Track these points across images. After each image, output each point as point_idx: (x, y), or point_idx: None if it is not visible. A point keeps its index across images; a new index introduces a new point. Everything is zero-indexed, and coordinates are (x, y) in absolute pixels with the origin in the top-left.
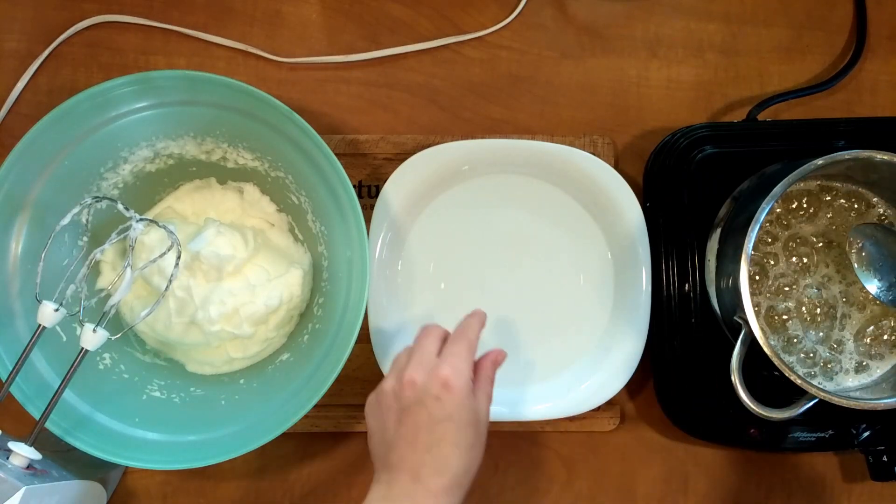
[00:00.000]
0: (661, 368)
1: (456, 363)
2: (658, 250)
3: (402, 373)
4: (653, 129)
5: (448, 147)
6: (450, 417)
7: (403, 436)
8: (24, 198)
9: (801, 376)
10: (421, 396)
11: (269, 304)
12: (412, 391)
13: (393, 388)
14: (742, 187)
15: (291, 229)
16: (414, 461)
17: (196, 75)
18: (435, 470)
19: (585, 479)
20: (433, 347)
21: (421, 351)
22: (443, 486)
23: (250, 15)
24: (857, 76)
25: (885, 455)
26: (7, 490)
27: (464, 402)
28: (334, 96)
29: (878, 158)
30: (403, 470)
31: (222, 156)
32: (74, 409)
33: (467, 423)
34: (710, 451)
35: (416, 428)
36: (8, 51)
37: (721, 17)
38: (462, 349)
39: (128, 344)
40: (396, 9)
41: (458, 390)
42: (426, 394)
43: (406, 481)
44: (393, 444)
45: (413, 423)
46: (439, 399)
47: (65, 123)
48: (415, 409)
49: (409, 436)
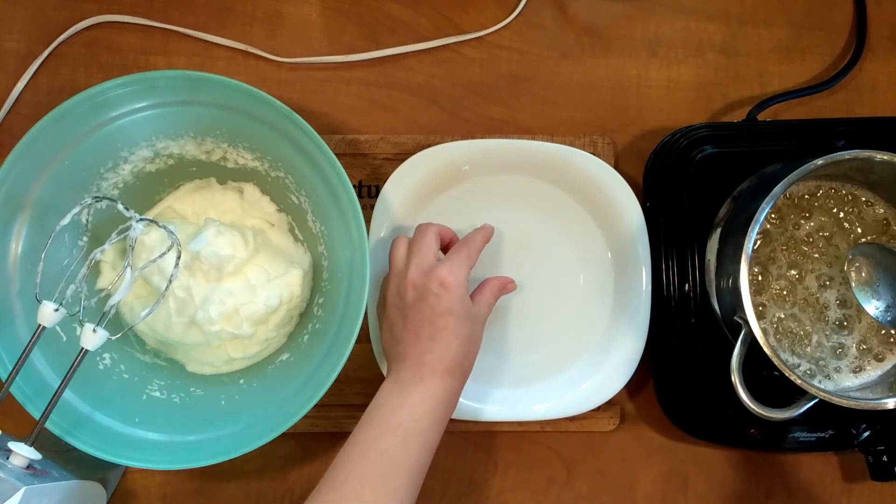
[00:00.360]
0: (661, 368)
1: (453, 266)
2: (658, 250)
3: (403, 278)
4: (653, 129)
5: (448, 147)
6: (449, 311)
7: (409, 329)
8: (24, 198)
9: (801, 376)
10: (422, 294)
11: (269, 304)
12: (414, 291)
13: (397, 290)
14: (742, 187)
15: (291, 229)
16: (419, 349)
17: (196, 75)
18: (437, 355)
19: (585, 479)
20: (431, 248)
21: (420, 254)
22: (445, 367)
23: (250, 15)
24: (857, 76)
25: (885, 455)
26: (7, 490)
27: (461, 297)
28: (334, 96)
29: (878, 158)
30: (410, 357)
31: (222, 156)
32: (74, 409)
33: (465, 317)
34: (710, 451)
35: (420, 322)
36: (8, 51)
37: (721, 17)
38: (461, 256)
39: (128, 344)
40: (396, 9)
41: (455, 287)
42: (427, 291)
43: (413, 366)
44: (400, 339)
45: (416, 318)
46: (438, 296)
47: (65, 123)
48: (418, 307)
49: (414, 329)
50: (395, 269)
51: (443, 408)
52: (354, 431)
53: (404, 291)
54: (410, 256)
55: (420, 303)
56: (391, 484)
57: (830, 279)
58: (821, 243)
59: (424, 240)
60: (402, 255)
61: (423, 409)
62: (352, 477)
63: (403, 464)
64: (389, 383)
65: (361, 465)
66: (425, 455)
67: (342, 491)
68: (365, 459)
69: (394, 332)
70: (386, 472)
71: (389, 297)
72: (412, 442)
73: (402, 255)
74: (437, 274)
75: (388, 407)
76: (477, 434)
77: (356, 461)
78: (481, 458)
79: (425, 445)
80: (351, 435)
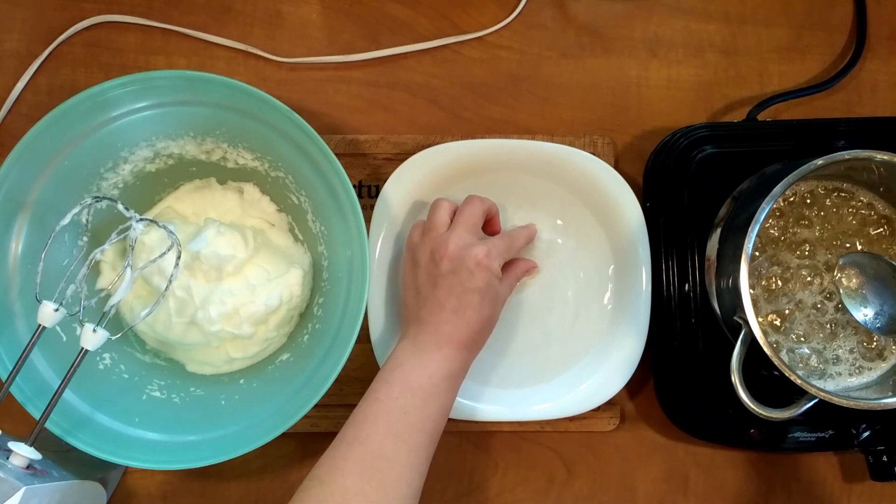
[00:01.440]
0: (661, 368)
1: (492, 251)
2: (658, 250)
3: (444, 244)
4: (653, 129)
5: (448, 147)
6: (478, 290)
7: (436, 297)
8: (24, 198)
9: (801, 376)
10: (456, 268)
11: (269, 304)
12: (449, 263)
13: (432, 254)
14: (742, 187)
15: (291, 229)
16: (441, 318)
17: (196, 75)
18: (456, 328)
19: (585, 479)
20: (477, 223)
21: (465, 226)
22: (461, 340)
23: (250, 15)
24: (857, 76)
25: (885, 455)
26: (7, 490)
27: (491, 281)
28: (334, 96)
29: (878, 158)
30: (430, 323)
31: (222, 156)
32: (74, 409)
33: (490, 299)
34: (710, 451)
35: (448, 292)
36: (8, 51)
37: (721, 17)
38: (502, 245)
39: (128, 344)
40: (396, 9)
41: (489, 271)
42: (462, 266)
43: (431, 332)
44: (425, 302)
45: (446, 288)
46: (472, 273)
47: (65, 123)
48: (450, 278)
49: (441, 298)
50: (433, 232)
51: (457, 375)
52: (372, 388)
53: (440, 260)
54: (455, 226)
55: (452, 275)
56: (413, 440)
57: (831, 279)
58: (821, 243)
59: (472, 213)
60: (443, 220)
61: (442, 373)
62: (375, 433)
63: (424, 422)
64: (407, 344)
65: (384, 422)
66: (441, 417)
67: (367, 445)
68: (388, 416)
69: (419, 295)
70: (408, 429)
71: (422, 259)
72: (431, 402)
73: (443, 221)
74: (475, 253)
75: (408, 367)
76: (477, 434)
77: (378, 417)
78: (481, 458)
79: (442, 407)
80: (368, 392)
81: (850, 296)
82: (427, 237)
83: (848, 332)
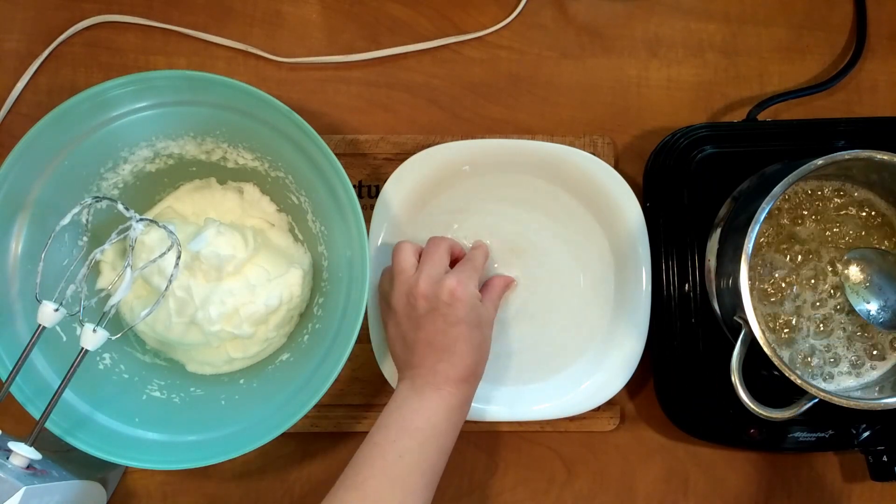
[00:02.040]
0: (661, 368)
1: (461, 277)
2: (658, 250)
3: (415, 286)
4: (653, 129)
5: (448, 147)
6: (461, 321)
7: (423, 339)
8: (24, 198)
9: (800, 376)
10: (434, 305)
11: (269, 304)
12: (425, 302)
13: (407, 300)
14: (742, 187)
15: (291, 229)
16: (433, 359)
17: (196, 75)
18: (451, 364)
19: (585, 479)
20: (443, 261)
21: (431, 264)
22: (458, 376)
23: (250, 15)
24: (857, 76)
25: (885, 455)
26: (7, 490)
27: (472, 307)
28: (334, 96)
29: (878, 158)
30: (425, 366)
31: (222, 156)
32: (74, 409)
33: (476, 325)
34: (710, 451)
35: (434, 332)
36: (8, 51)
37: (721, 17)
38: (468, 269)
39: (128, 344)
40: (396, 9)
41: (466, 298)
42: (438, 302)
43: (427, 374)
44: (414, 348)
45: (430, 328)
46: (450, 305)
47: (65, 123)
48: (430, 316)
49: (428, 338)
50: (402, 276)
51: (458, 413)
52: (372, 432)
53: (415, 301)
54: (422, 266)
55: (432, 313)
56: (410, 483)
57: (831, 279)
58: (821, 243)
59: (437, 252)
60: (409, 261)
61: (442, 414)
62: (370, 477)
63: (421, 465)
64: (405, 388)
65: (381, 466)
66: (441, 458)
67: (361, 490)
68: (384, 460)
69: (406, 341)
70: (404, 473)
71: (398, 305)
72: (429, 445)
73: (409, 263)
74: (447, 285)
75: (406, 409)
76: (477, 434)
77: (375, 462)
78: (481, 458)
79: (441, 448)
80: (368, 436)
81: (855, 290)
82: (397, 282)
83: (848, 332)
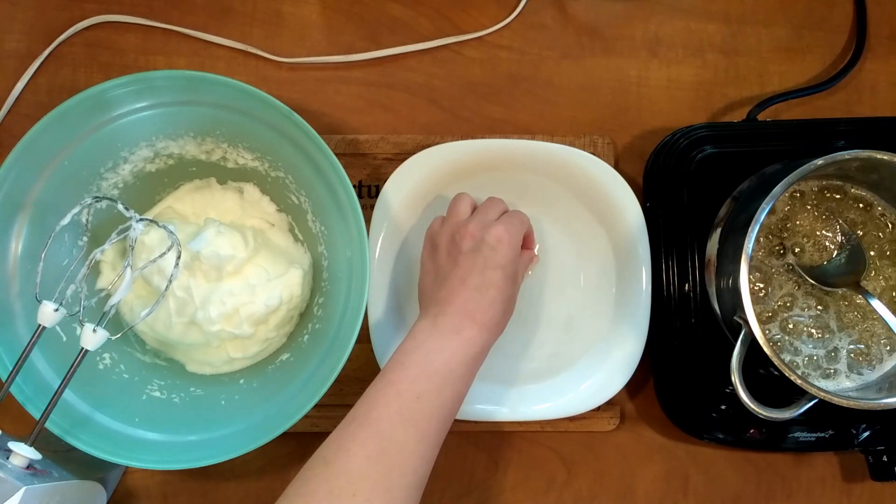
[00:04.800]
0: (661, 368)
1: (510, 226)
2: (658, 250)
3: (463, 226)
4: (653, 129)
5: (448, 147)
6: (501, 266)
7: (457, 275)
8: (24, 198)
9: (801, 376)
10: (478, 245)
11: (269, 304)
12: (471, 241)
13: (452, 235)
14: (742, 187)
15: (291, 229)
16: (464, 297)
17: (196, 75)
18: (479, 306)
19: (585, 479)
20: (496, 214)
21: (485, 212)
22: (485, 321)
23: (250, 15)
24: (857, 76)
25: (885, 455)
26: (7, 490)
27: (513, 257)
28: (334, 96)
29: (878, 158)
30: (452, 303)
31: (222, 156)
32: (74, 409)
33: (512, 277)
34: (710, 451)
35: (471, 269)
36: (8, 51)
37: (721, 17)
38: (516, 220)
39: (128, 344)
40: (396, 9)
41: (511, 246)
42: (483, 243)
43: (456, 313)
44: (446, 282)
45: (469, 265)
46: (494, 249)
47: (65, 123)
48: (472, 256)
49: (463, 275)
50: (454, 219)
51: (476, 360)
52: (387, 369)
53: (461, 239)
54: (476, 213)
55: (474, 252)
56: (423, 427)
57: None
58: (821, 243)
59: (494, 205)
60: (464, 209)
61: (460, 358)
62: (385, 417)
63: (437, 410)
64: (427, 325)
65: (396, 406)
66: (456, 403)
67: (375, 427)
68: (400, 399)
69: (440, 275)
70: (419, 416)
71: (442, 242)
72: (447, 389)
73: (464, 210)
74: (495, 229)
75: (425, 349)
76: (477, 434)
77: (391, 401)
78: (481, 458)
79: (457, 394)
80: (382, 372)
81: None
82: (447, 223)
83: (848, 332)
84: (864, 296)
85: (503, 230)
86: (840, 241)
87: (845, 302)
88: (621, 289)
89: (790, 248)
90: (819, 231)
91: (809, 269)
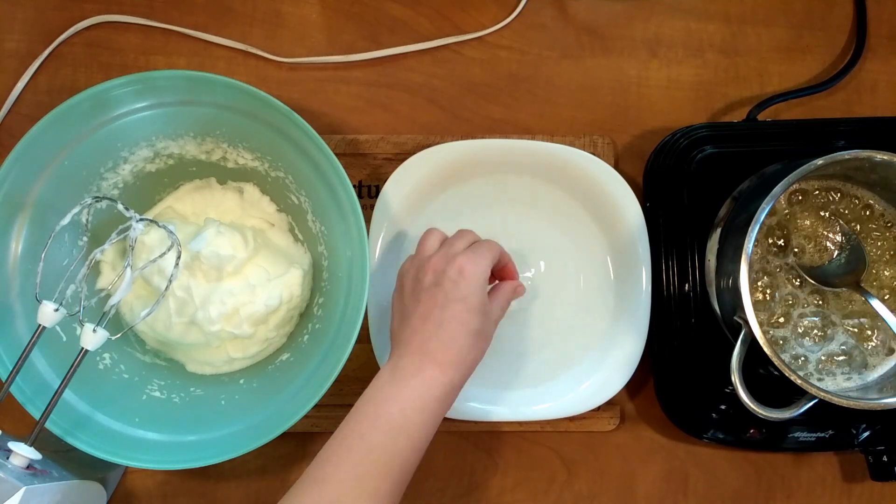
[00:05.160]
0: (661, 368)
1: (474, 257)
2: (658, 250)
3: (427, 261)
4: (653, 129)
5: (448, 147)
6: (463, 299)
7: (418, 313)
8: (24, 198)
9: (801, 376)
10: (439, 279)
11: (269, 304)
12: (432, 275)
13: (416, 272)
14: (742, 187)
15: (291, 229)
16: (424, 335)
17: (196, 75)
18: (441, 344)
19: (585, 479)
20: (460, 246)
21: (450, 244)
22: (448, 359)
23: (250, 15)
24: (857, 76)
25: (885, 455)
26: (7, 490)
27: (477, 289)
28: (334, 96)
29: (878, 158)
30: (412, 343)
31: (222, 156)
32: (74, 409)
33: (478, 309)
34: (710, 451)
35: (431, 306)
36: (8, 51)
37: (721, 17)
38: (483, 249)
39: (128, 344)
40: (396, 9)
41: (474, 277)
42: (444, 277)
43: (414, 353)
44: (407, 322)
45: (429, 302)
46: (455, 282)
47: (65, 123)
48: (432, 291)
49: (424, 312)
50: (420, 255)
51: (437, 404)
52: (344, 421)
53: (423, 275)
54: (442, 246)
55: (435, 287)
56: (373, 485)
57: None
58: (821, 243)
59: (461, 237)
60: (431, 245)
61: (416, 404)
62: (334, 474)
63: (389, 462)
64: (386, 371)
65: (347, 462)
66: (413, 454)
67: (324, 487)
68: (349, 455)
69: (403, 315)
70: (370, 471)
71: (406, 281)
72: (401, 440)
73: (431, 245)
74: (457, 261)
75: (380, 398)
76: (477, 434)
77: (341, 457)
78: (481, 458)
79: (414, 445)
80: (341, 424)
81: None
82: (414, 260)
83: (850, 330)
84: (864, 296)
85: (464, 260)
86: (840, 241)
87: (845, 302)
88: (621, 289)
89: (790, 249)
90: (819, 231)
91: (809, 269)
